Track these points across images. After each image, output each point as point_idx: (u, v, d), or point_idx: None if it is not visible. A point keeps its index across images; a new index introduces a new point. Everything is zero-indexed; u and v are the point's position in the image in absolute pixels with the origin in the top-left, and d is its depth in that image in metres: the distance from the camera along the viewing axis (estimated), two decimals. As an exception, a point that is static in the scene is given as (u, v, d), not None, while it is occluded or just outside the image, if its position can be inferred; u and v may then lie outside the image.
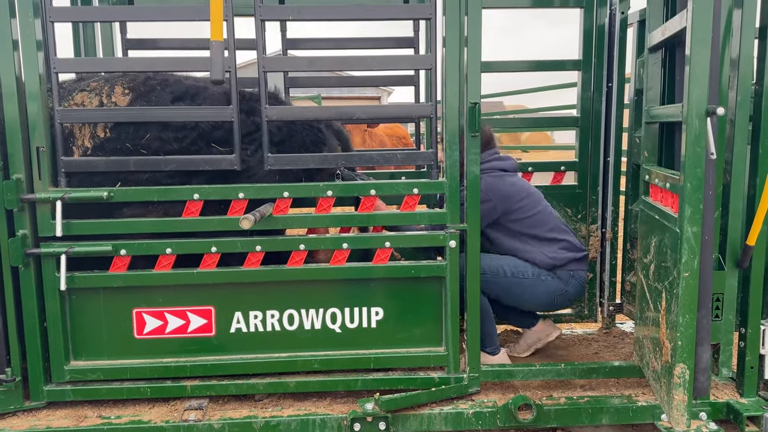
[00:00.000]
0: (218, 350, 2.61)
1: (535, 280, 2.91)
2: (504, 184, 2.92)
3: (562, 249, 2.97)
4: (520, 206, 2.93)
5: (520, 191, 2.95)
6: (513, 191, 2.93)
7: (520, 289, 2.91)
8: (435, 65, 2.48)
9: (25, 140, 2.37)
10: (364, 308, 2.64)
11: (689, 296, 2.21)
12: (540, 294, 2.95)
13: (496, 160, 3.02)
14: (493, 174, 2.95)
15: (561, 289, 2.97)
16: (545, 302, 3.00)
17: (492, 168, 2.97)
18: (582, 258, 3.03)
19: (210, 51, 2.25)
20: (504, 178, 2.95)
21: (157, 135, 2.50)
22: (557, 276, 2.95)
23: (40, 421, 2.47)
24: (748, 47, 2.39)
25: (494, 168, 2.97)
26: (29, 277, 2.43)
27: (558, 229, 3.00)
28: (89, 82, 2.61)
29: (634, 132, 3.10)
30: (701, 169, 2.16)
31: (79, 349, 2.57)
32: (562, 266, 2.96)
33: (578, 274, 3.01)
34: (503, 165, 3.00)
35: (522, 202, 2.93)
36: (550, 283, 2.94)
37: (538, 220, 2.96)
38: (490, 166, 2.97)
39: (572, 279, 2.99)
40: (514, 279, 2.89)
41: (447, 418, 2.51)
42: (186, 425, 2.43)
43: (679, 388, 2.27)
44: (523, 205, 2.93)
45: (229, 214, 2.50)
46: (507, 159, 3.05)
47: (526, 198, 2.95)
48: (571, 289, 3.00)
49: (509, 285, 2.89)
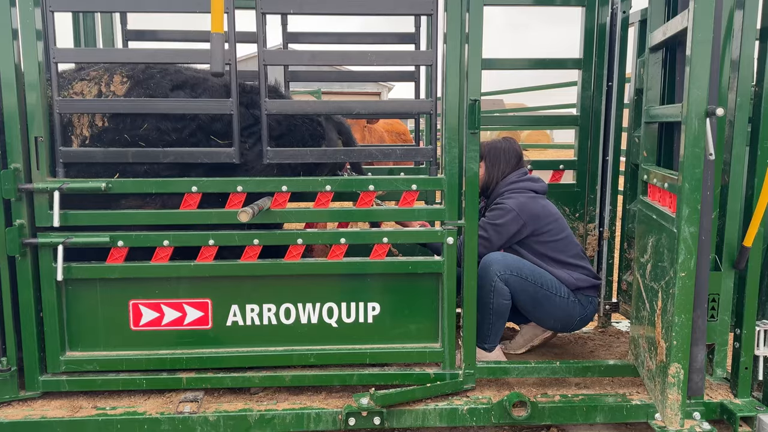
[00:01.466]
0: (214, 343, 2.61)
1: (567, 300, 2.93)
2: (536, 205, 2.96)
3: (583, 274, 3.00)
4: (549, 229, 2.96)
5: (549, 215, 2.98)
6: (543, 213, 2.96)
7: (549, 305, 2.91)
8: (435, 61, 2.48)
9: (24, 130, 2.36)
10: (360, 303, 2.64)
11: (685, 296, 2.21)
12: (564, 315, 2.96)
13: (529, 180, 3.05)
14: (526, 195, 2.98)
15: (582, 313, 3.00)
16: (566, 323, 3.02)
17: (524, 189, 3.00)
18: (598, 286, 3.08)
19: (210, 43, 2.25)
20: (537, 200, 2.98)
21: (156, 125, 2.49)
22: (579, 300, 2.97)
23: (35, 411, 2.47)
24: (749, 49, 2.40)
25: (527, 189, 3.00)
26: (26, 267, 2.43)
27: (579, 257, 3.04)
28: (89, 71, 2.60)
29: (634, 132, 3.10)
30: (700, 170, 2.16)
31: (75, 340, 2.57)
32: (584, 290, 2.99)
33: (595, 301, 3.05)
34: (535, 187, 3.03)
35: (550, 225, 2.97)
36: (575, 307, 2.96)
37: (563, 244, 2.99)
38: (522, 186, 3.01)
39: (590, 305, 3.02)
40: (548, 293, 2.89)
41: (442, 414, 2.51)
42: (181, 417, 2.43)
43: (674, 387, 2.28)
44: (551, 229, 2.97)
45: (227, 207, 2.50)
46: (538, 181, 3.07)
47: (554, 222, 2.98)
48: (589, 314, 3.04)
49: (541, 297, 2.88)
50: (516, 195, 2.97)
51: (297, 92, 8.30)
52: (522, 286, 2.85)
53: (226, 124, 2.52)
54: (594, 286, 3.03)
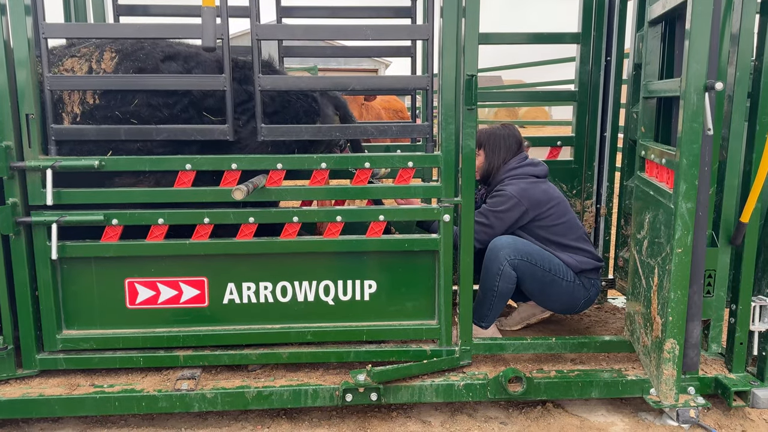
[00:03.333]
0: (211, 321, 2.61)
1: (572, 284, 2.92)
2: (537, 190, 2.93)
3: (586, 257, 2.99)
4: (551, 213, 2.94)
5: (551, 199, 2.96)
6: (545, 198, 2.93)
7: (557, 288, 2.90)
8: (432, 36, 2.44)
9: (15, 107, 2.33)
10: (357, 281, 2.64)
11: (682, 272, 2.21)
12: (570, 298, 2.96)
13: (529, 165, 3.02)
14: (527, 180, 2.96)
15: (586, 295, 2.99)
16: (570, 306, 3.01)
17: (525, 174, 2.98)
18: (600, 268, 3.06)
19: (201, 17, 2.21)
20: (537, 185, 2.96)
21: (147, 101, 2.45)
22: (582, 283, 2.97)
23: (32, 389, 2.48)
24: (749, 22, 2.36)
25: (527, 174, 2.98)
26: (20, 246, 2.41)
27: (582, 239, 3.02)
28: (79, 47, 2.56)
29: (632, 107, 3.07)
30: (698, 145, 2.15)
31: (71, 319, 2.57)
32: (586, 273, 2.98)
33: (597, 283, 3.04)
34: (535, 171, 3.00)
35: (552, 209, 2.94)
36: (580, 290, 2.96)
37: (565, 228, 2.98)
38: (523, 172, 2.98)
39: (593, 287, 3.02)
40: (555, 277, 2.88)
41: (438, 389, 2.53)
42: (179, 394, 2.44)
43: (669, 362, 2.29)
44: (553, 213, 2.95)
45: (222, 185, 2.48)
46: (539, 164, 3.04)
47: (556, 206, 2.96)
48: (592, 296, 3.03)
49: (549, 282, 2.88)
50: (517, 181, 2.95)
51: (293, 69, 8.21)
52: (531, 270, 2.84)
53: (218, 100, 2.49)
54: (596, 269, 3.02)
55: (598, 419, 2.59)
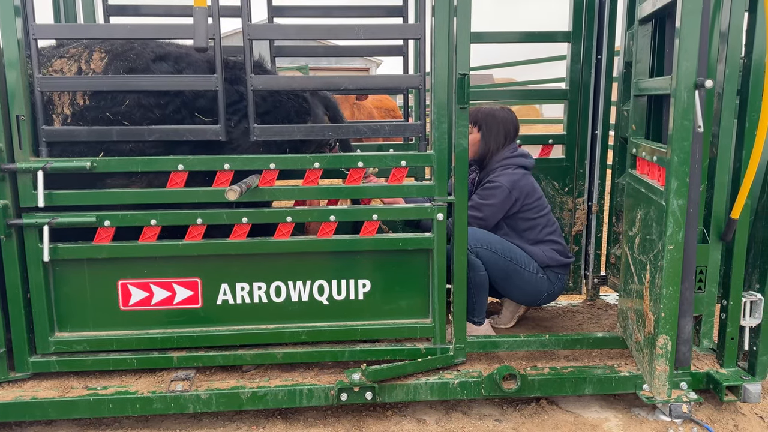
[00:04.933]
0: (205, 322, 2.61)
1: (534, 275, 2.98)
2: (527, 182, 3.00)
3: (556, 252, 3.04)
4: (535, 206, 3.00)
5: (537, 192, 3.03)
6: (532, 190, 3.00)
7: (518, 278, 2.95)
8: (424, 35, 2.44)
9: (5, 108, 2.31)
10: (351, 280, 2.64)
11: (673, 269, 2.23)
12: (532, 289, 3.01)
13: (520, 156, 3.06)
14: (518, 172, 3.00)
15: (549, 289, 3.05)
16: (533, 298, 3.07)
17: (517, 165, 3.02)
18: (569, 264, 3.12)
19: (193, 17, 2.20)
20: (527, 177, 3.02)
21: (138, 101, 2.44)
22: (548, 276, 3.02)
23: (25, 392, 2.46)
24: (738, 20, 2.38)
25: (519, 165, 3.03)
26: (11, 248, 2.40)
27: (555, 233, 3.08)
28: (68, 48, 2.54)
29: (623, 105, 3.09)
30: (688, 143, 2.16)
31: (63, 321, 2.55)
32: (553, 268, 3.04)
33: (563, 278, 3.11)
34: (525, 163, 3.05)
35: (537, 202, 3.01)
36: (543, 282, 3.01)
37: (544, 221, 3.04)
38: (515, 162, 3.03)
39: (558, 282, 3.08)
40: (517, 267, 2.93)
41: (433, 387, 2.53)
42: (173, 396, 2.43)
43: (661, 358, 2.31)
44: (537, 206, 3.01)
45: (215, 186, 2.47)
46: (528, 156, 3.09)
47: (540, 200, 3.03)
48: (557, 290, 3.09)
49: (511, 271, 2.93)
50: (508, 172, 2.98)
51: (284, 68, 8.19)
52: (492, 259, 2.88)
53: (210, 101, 2.48)
54: (564, 265, 3.08)
55: (591, 415, 2.60)
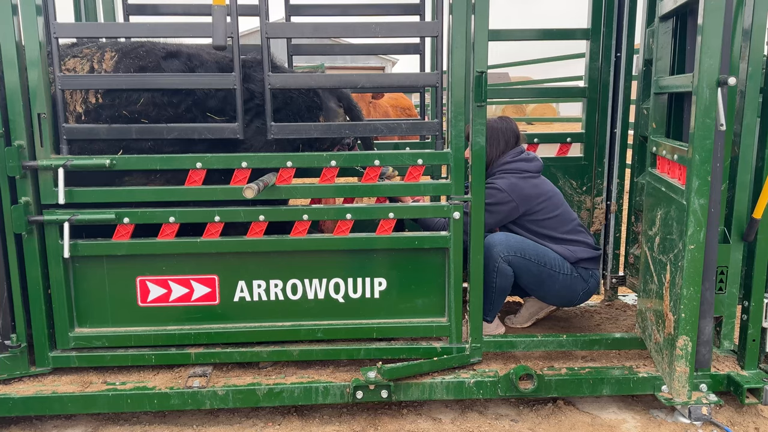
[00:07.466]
0: (222, 318, 2.62)
1: (569, 276, 2.94)
2: (527, 185, 2.94)
3: (580, 247, 2.99)
4: (541, 208, 2.95)
5: (541, 194, 2.96)
6: (534, 193, 2.94)
7: (553, 283, 2.92)
8: (441, 33, 2.43)
9: (26, 107, 2.34)
10: (367, 279, 2.64)
11: (694, 269, 2.20)
12: (568, 291, 2.97)
13: (522, 161, 3.01)
14: (517, 175, 2.96)
15: (584, 287, 3.00)
16: (569, 299, 3.03)
17: (517, 169, 2.98)
18: (598, 257, 3.06)
19: (212, 16, 2.21)
20: (528, 180, 2.96)
21: (151, 99, 2.46)
22: (580, 275, 2.98)
23: (45, 386, 2.49)
24: (761, 17, 2.34)
25: (519, 169, 2.98)
26: (33, 245, 2.43)
27: (575, 231, 3.03)
28: (81, 48, 2.57)
29: (642, 103, 3.05)
30: (711, 141, 2.13)
31: (83, 317, 2.58)
32: (583, 263, 2.99)
33: (596, 274, 3.06)
34: (527, 167, 3.00)
35: (543, 204, 2.95)
36: (578, 281, 2.97)
37: (557, 221, 2.99)
38: (514, 167, 2.98)
39: (592, 278, 3.02)
40: (551, 271, 2.90)
41: (449, 387, 2.53)
42: (190, 392, 2.45)
43: (681, 360, 2.28)
44: (544, 207, 2.96)
45: (232, 184, 2.49)
46: (533, 160, 3.04)
47: (547, 201, 2.97)
48: (592, 287, 3.04)
49: (545, 276, 2.90)
50: (507, 175, 2.94)
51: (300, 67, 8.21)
52: (526, 266, 2.85)
53: (220, 101, 2.49)
54: (593, 258, 3.01)
55: (609, 416, 2.58)
